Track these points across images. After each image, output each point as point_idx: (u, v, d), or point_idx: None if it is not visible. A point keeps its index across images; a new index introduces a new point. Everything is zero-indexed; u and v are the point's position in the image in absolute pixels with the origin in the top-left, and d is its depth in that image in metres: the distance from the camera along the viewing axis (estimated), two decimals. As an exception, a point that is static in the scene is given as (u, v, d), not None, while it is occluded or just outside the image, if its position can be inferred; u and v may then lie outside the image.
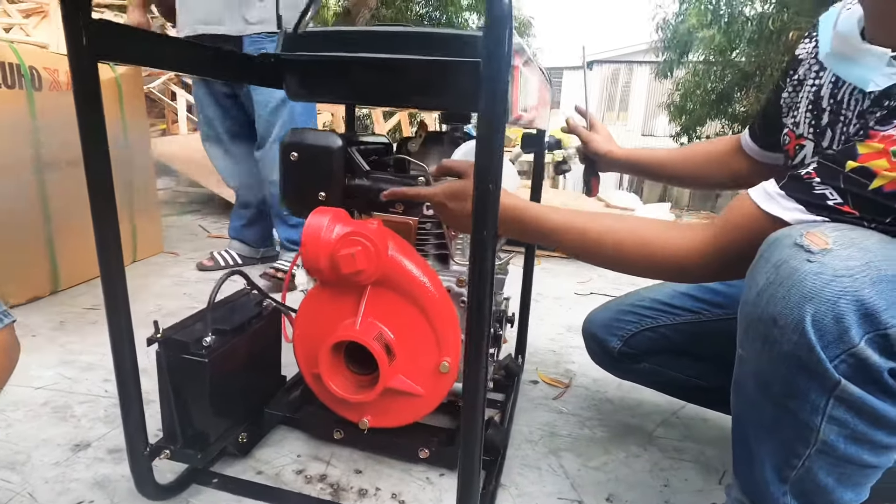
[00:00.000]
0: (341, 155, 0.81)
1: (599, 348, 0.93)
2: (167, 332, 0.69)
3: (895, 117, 0.50)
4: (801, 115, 0.70)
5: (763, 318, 0.47)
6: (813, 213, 0.51)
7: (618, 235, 0.64)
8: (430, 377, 0.75)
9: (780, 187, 0.54)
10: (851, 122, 0.61)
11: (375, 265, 0.69)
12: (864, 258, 0.44)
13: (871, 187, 0.48)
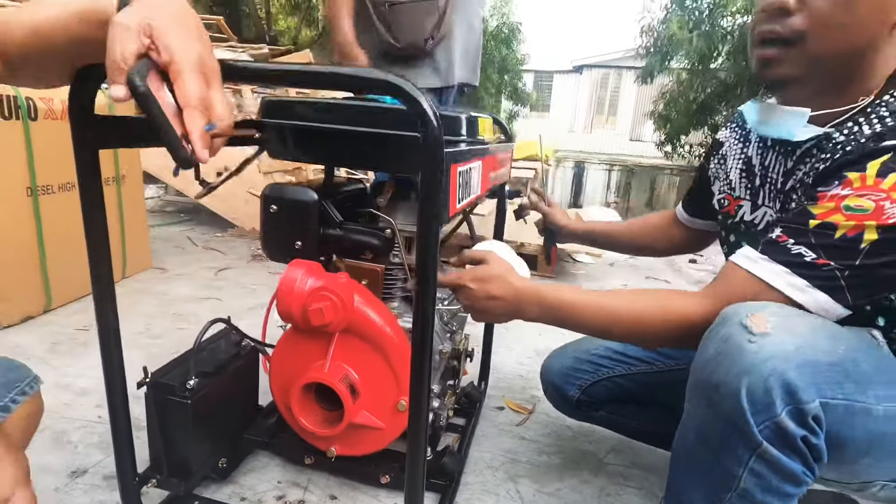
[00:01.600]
0: (315, 208, 0.90)
1: (558, 395, 1.02)
2: (155, 376, 0.77)
3: (833, 179, 0.60)
4: (735, 181, 0.82)
5: (709, 382, 0.56)
6: (795, 271, 0.59)
7: (636, 304, 0.69)
8: (390, 413, 0.85)
9: (760, 253, 0.62)
10: (778, 181, 0.73)
11: (342, 317, 0.78)
12: (794, 344, 0.53)
13: (837, 236, 0.58)
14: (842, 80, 0.65)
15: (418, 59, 1.64)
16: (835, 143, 0.64)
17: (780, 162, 0.73)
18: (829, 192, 0.59)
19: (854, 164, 0.59)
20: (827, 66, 0.64)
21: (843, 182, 0.59)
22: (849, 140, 0.63)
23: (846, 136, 0.63)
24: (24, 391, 0.61)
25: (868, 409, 0.55)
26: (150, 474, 0.77)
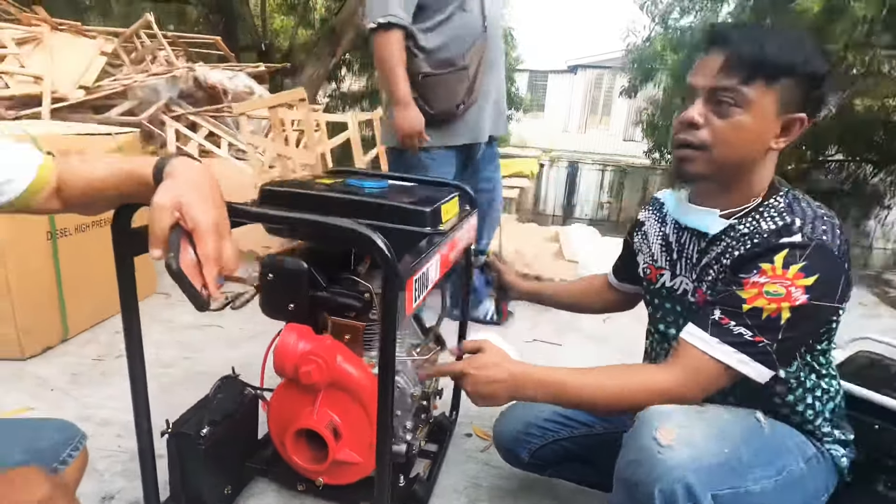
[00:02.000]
0: (305, 276, 1.07)
1: (511, 457, 1.16)
2: (175, 426, 0.95)
3: (751, 267, 0.77)
4: (657, 254, 0.99)
5: (630, 480, 0.73)
6: (740, 349, 0.75)
7: (619, 382, 0.82)
8: (367, 449, 1.02)
9: (711, 335, 0.77)
10: (693, 257, 0.91)
11: (326, 375, 0.96)
12: (691, 455, 0.70)
13: (763, 317, 0.75)
14: (737, 182, 0.84)
15: (451, 122, 1.80)
16: (740, 232, 0.82)
17: (694, 242, 0.92)
18: (751, 280, 0.76)
19: (764, 256, 0.76)
20: (725, 169, 0.82)
21: (759, 271, 0.76)
22: (752, 232, 0.80)
23: (748, 227, 0.81)
24: (77, 447, 0.78)
25: (749, 491, 0.74)
26: (170, 503, 0.95)
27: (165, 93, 3.90)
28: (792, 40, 0.78)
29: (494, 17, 1.85)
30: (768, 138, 0.79)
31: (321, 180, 1.15)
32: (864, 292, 3.42)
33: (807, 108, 0.78)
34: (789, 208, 0.80)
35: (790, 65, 0.76)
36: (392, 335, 0.73)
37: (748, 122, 0.77)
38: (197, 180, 0.65)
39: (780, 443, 0.83)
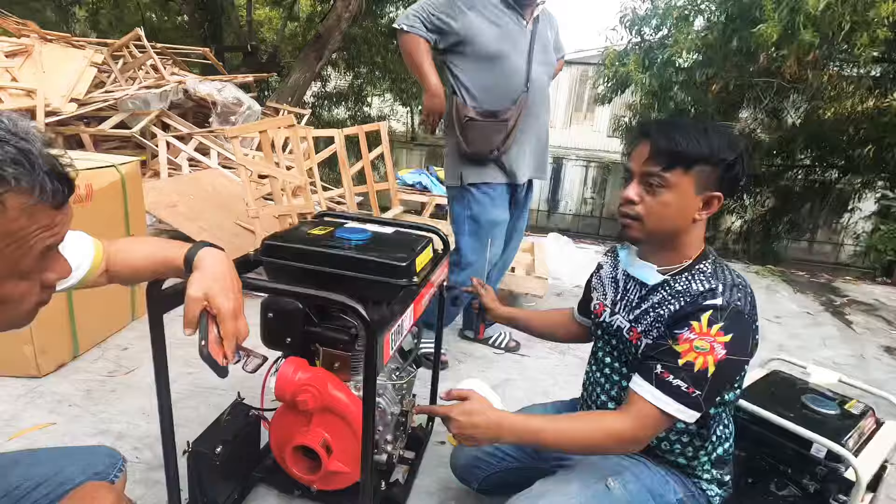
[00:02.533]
0: (300, 314, 1.27)
1: (465, 483, 1.34)
2: (194, 446, 1.14)
3: (684, 324, 0.92)
4: (607, 293, 1.18)
5: None
6: (677, 400, 0.90)
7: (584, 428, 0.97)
8: (354, 461, 1.22)
9: (657, 388, 0.92)
10: (634, 300, 1.08)
11: (319, 402, 1.16)
12: None
13: (695, 370, 0.90)
14: (669, 245, 1.03)
15: (487, 163, 1.98)
16: (675, 289, 0.99)
17: (636, 290, 1.09)
18: (684, 336, 0.92)
19: (693, 315, 0.92)
20: (656, 236, 1.02)
21: (689, 328, 0.92)
22: (685, 291, 0.96)
23: (682, 286, 0.98)
24: (121, 469, 0.96)
25: None
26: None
27: (156, 104, 4.01)
28: (705, 133, 0.96)
29: (540, 74, 1.98)
30: (691, 212, 0.97)
31: (313, 231, 1.33)
32: (810, 300, 3.71)
33: (722, 188, 0.96)
34: (714, 274, 0.98)
35: (701, 156, 0.94)
36: (373, 378, 0.94)
37: (672, 199, 0.96)
38: (220, 272, 0.85)
39: (628, 499, 0.99)
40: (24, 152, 0.53)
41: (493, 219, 2.05)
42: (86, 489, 0.76)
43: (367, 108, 10.79)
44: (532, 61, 1.95)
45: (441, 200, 4.23)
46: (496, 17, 1.91)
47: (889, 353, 2.85)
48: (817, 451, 1.22)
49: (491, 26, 1.90)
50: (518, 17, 1.93)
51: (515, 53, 1.93)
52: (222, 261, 0.87)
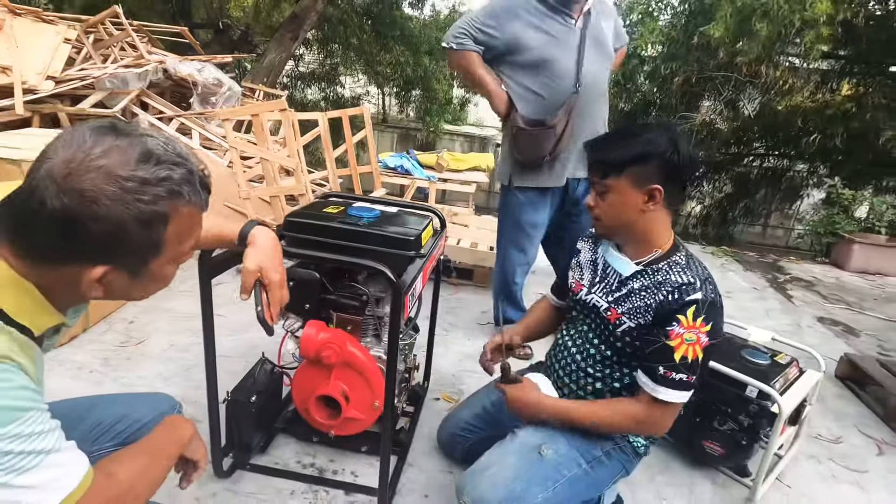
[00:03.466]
0: (317, 284, 1.44)
1: (450, 454, 1.54)
2: (233, 394, 1.31)
3: (672, 320, 1.05)
4: (585, 273, 1.31)
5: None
6: (679, 389, 1.06)
7: (608, 416, 1.13)
8: (368, 410, 1.42)
9: (661, 386, 1.06)
10: (611, 285, 1.23)
11: (339, 357, 1.34)
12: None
13: (689, 361, 1.05)
14: (636, 238, 1.19)
15: (537, 167, 2.02)
16: (655, 278, 1.11)
17: (615, 275, 1.21)
18: (675, 331, 1.05)
19: (680, 311, 1.06)
20: (616, 231, 1.21)
21: (678, 323, 1.05)
22: (665, 281, 1.09)
23: (662, 276, 1.10)
24: (179, 410, 1.11)
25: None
26: (227, 450, 1.32)
27: (135, 84, 3.99)
28: (627, 140, 1.13)
29: (593, 71, 1.94)
30: (637, 206, 1.12)
31: (328, 209, 1.49)
32: (757, 277, 4.09)
33: (659, 181, 1.09)
34: (689, 266, 1.11)
35: (625, 160, 1.10)
36: (397, 331, 1.12)
37: (616, 200, 1.14)
38: (271, 248, 1.02)
39: (559, 460, 1.15)
40: (191, 172, 0.67)
41: (533, 222, 2.12)
42: (173, 420, 0.92)
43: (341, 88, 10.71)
44: (583, 60, 1.91)
45: (422, 183, 4.40)
46: (540, 22, 1.89)
47: (821, 322, 3.23)
48: (751, 392, 1.49)
49: (536, 32, 1.89)
50: (564, 18, 1.90)
51: (564, 56, 1.90)
52: (272, 238, 1.03)
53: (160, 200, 0.64)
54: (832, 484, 1.67)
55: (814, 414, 1.99)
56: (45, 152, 0.62)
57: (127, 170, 0.62)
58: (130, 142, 0.63)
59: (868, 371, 2.23)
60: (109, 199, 0.60)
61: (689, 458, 1.67)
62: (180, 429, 0.91)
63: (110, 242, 0.63)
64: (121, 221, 0.62)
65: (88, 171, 0.60)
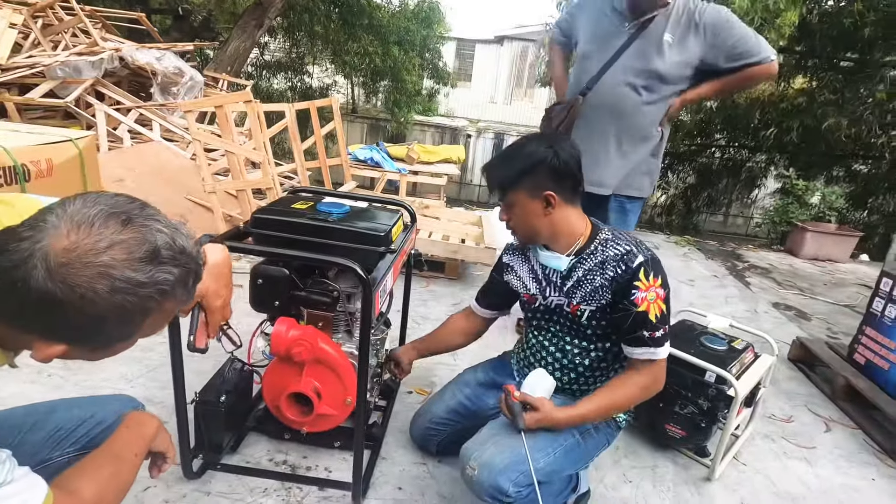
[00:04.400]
0: (287, 281, 1.42)
1: (425, 449, 1.55)
2: (202, 395, 1.29)
3: (631, 289, 1.14)
4: (529, 283, 1.36)
5: (470, 489, 1.16)
6: (665, 342, 1.16)
7: (621, 397, 1.20)
8: (340, 406, 1.42)
9: (652, 347, 1.15)
10: (556, 284, 1.30)
11: (311, 354, 1.34)
12: (489, 471, 1.10)
13: (661, 316, 1.15)
14: (553, 237, 1.27)
15: None
16: (594, 262, 1.22)
17: (556, 272, 1.30)
18: (638, 297, 1.15)
19: (633, 278, 1.15)
20: (530, 237, 1.29)
21: (638, 289, 1.16)
22: (607, 259, 1.19)
23: (600, 258, 1.21)
24: (142, 409, 1.09)
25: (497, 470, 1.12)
26: (196, 451, 1.30)
27: (89, 73, 3.81)
28: (509, 159, 1.23)
29: (616, 81, 1.81)
30: (539, 213, 1.22)
31: (297, 205, 1.48)
32: (718, 265, 4.26)
33: (550, 186, 1.19)
34: (617, 238, 1.24)
35: (511, 178, 1.21)
36: (368, 327, 1.13)
37: (519, 211, 1.24)
38: (218, 271, 0.98)
39: (556, 431, 1.21)
40: (189, 273, 0.65)
41: None
42: (133, 415, 0.90)
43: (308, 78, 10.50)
44: (612, 66, 1.81)
45: (392, 176, 4.38)
46: (597, 17, 1.87)
47: (776, 307, 3.39)
48: (709, 377, 1.56)
49: (588, 24, 1.90)
50: (620, 19, 1.81)
51: (598, 56, 1.84)
52: (222, 258, 0.99)
53: (150, 300, 0.62)
54: (784, 460, 1.77)
55: (768, 395, 2.10)
56: (45, 222, 0.58)
57: (126, 271, 0.59)
58: (139, 238, 0.61)
59: (817, 353, 2.37)
60: (98, 296, 0.58)
61: (652, 441, 1.75)
62: (144, 425, 0.89)
63: (83, 331, 0.61)
64: (102, 317, 0.60)
65: (86, 266, 0.57)
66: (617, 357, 1.30)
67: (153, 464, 0.93)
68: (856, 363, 2.22)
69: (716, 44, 1.74)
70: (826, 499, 1.61)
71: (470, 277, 3.19)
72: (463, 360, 1.98)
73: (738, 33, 1.73)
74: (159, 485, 1.32)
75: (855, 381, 2.10)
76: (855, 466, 1.79)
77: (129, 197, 0.66)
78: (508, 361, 1.54)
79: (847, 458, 1.83)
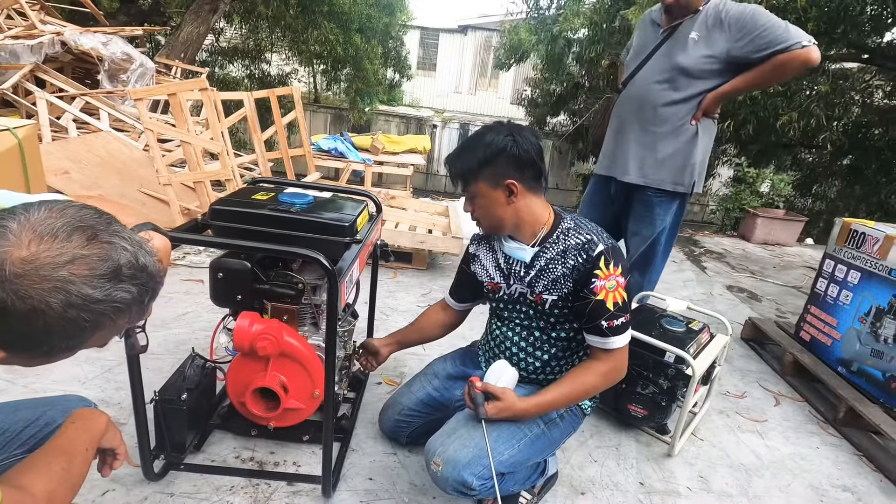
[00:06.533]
0: (248, 273, 1.39)
1: (395, 439, 1.55)
2: (162, 394, 1.24)
3: (592, 278, 1.16)
4: (492, 273, 1.37)
5: (436, 485, 1.17)
6: (624, 331, 1.18)
7: (582, 385, 1.21)
8: (308, 399, 1.40)
9: (610, 336, 1.17)
10: (521, 272, 1.31)
11: (276, 348, 1.31)
12: (453, 467, 1.12)
13: (620, 305, 1.17)
14: (517, 226, 1.27)
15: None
16: (555, 249, 1.24)
17: (519, 263, 1.30)
18: (598, 286, 1.17)
19: (594, 267, 1.17)
20: (495, 226, 1.28)
21: (597, 277, 1.17)
22: (568, 248, 1.20)
23: (561, 246, 1.22)
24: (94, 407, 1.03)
25: (500, 461, 1.16)
26: (158, 452, 1.26)
27: (27, 58, 3.57)
28: (468, 150, 1.23)
29: (645, 79, 1.94)
30: (502, 202, 1.22)
31: (257, 196, 1.43)
32: (676, 251, 4.42)
33: (512, 175, 1.19)
34: (579, 227, 1.25)
35: (470, 168, 1.22)
36: (335, 318, 1.11)
37: (483, 202, 1.24)
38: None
39: (521, 423, 1.23)
40: (147, 291, 0.64)
41: (586, 208, 2.23)
42: (82, 412, 0.86)
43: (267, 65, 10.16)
44: (643, 66, 1.96)
45: (357, 166, 4.31)
46: (642, 33, 2.05)
47: (729, 290, 3.56)
48: (669, 357, 1.63)
49: (635, 41, 2.08)
50: (657, 28, 1.96)
51: (636, 60, 2.00)
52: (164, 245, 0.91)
53: (102, 317, 0.60)
54: (738, 434, 1.87)
55: (723, 373, 2.21)
56: (4, 225, 0.56)
57: (84, 287, 0.57)
58: (102, 254, 0.59)
59: (767, 332, 2.50)
60: (51, 309, 0.56)
61: (616, 421, 1.81)
62: (92, 420, 0.86)
63: (27, 341, 0.59)
64: (49, 330, 0.58)
65: (43, 279, 0.55)
66: (581, 345, 1.33)
67: (103, 462, 0.89)
68: (802, 340, 2.35)
69: (741, 36, 1.77)
70: (776, 468, 1.71)
71: (438, 268, 3.19)
72: (432, 349, 1.98)
73: (764, 22, 1.75)
74: (118, 488, 1.27)
75: (801, 357, 2.23)
76: (802, 436, 1.91)
77: (97, 210, 0.64)
78: (476, 351, 1.55)
79: (795, 430, 1.94)
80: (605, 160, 2.10)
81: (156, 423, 1.27)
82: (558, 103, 6.91)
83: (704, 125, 1.93)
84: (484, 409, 1.18)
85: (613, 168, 2.05)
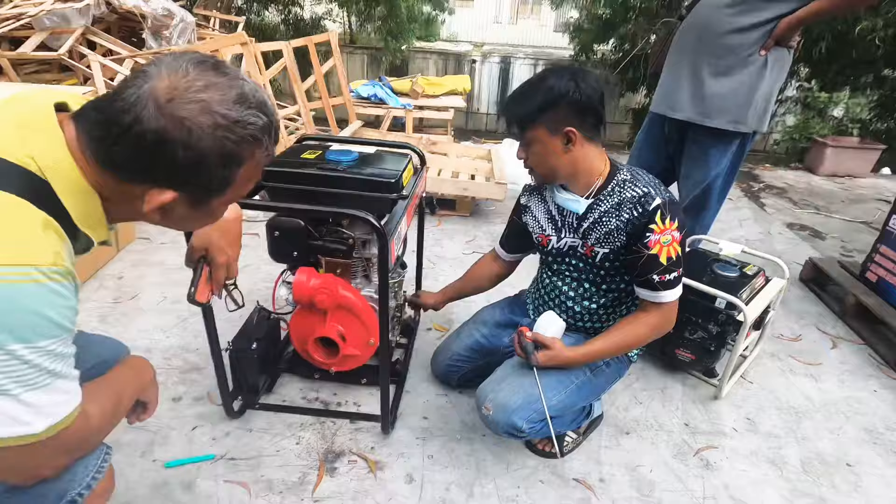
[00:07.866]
0: (303, 231, 1.46)
1: (446, 383, 1.64)
2: (235, 344, 1.37)
3: (646, 232, 1.15)
4: (545, 224, 1.38)
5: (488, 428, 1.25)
6: (675, 285, 1.18)
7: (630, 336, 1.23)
8: (364, 347, 1.50)
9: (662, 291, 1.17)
10: (572, 225, 1.31)
11: (333, 301, 1.39)
12: (504, 411, 1.19)
13: (674, 259, 1.16)
14: (572, 176, 1.25)
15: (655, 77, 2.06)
16: (609, 202, 1.22)
17: (572, 213, 1.30)
18: (652, 240, 1.16)
19: (650, 221, 1.15)
20: (549, 175, 1.26)
21: (652, 232, 1.16)
22: (624, 201, 1.18)
23: (616, 197, 1.20)
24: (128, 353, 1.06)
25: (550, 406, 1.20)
26: (235, 394, 1.41)
27: (77, 21, 3.67)
28: (529, 94, 1.17)
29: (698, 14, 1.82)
30: (559, 150, 1.19)
31: (305, 155, 1.47)
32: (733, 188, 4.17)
33: (572, 122, 1.15)
34: (636, 180, 1.22)
35: (534, 112, 1.16)
36: (387, 274, 1.17)
37: (538, 148, 1.21)
38: (226, 226, 1.00)
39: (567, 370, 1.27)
40: (271, 124, 0.69)
41: (638, 150, 2.10)
42: (136, 360, 0.91)
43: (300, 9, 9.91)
44: None
45: (398, 112, 4.27)
46: None
47: (790, 228, 3.37)
48: (720, 303, 1.60)
49: None
50: None
51: None
52: (233, 215, 1.00)
53: (244, 143, 0.66)
54: (789, 377, 1.85)
55: (777, 316, 2.15)
56: (145, 72, 0.63)
57: (223, 108, 0.63)
58: (229, 82, 0.65)
59: (828, 273, 2.38)
60: (203, 130, 0.62)
61: (662, 365, 1.83)
62: (142, 372, 0.90)
63: (190, 171, 0.65)
64: (206, 154, 0.64)
65: (190, 101, 0.62)
66: (630, 296, 1.33)
67: (132, 411, 0.91)
68: (867, 281, 2.24)
69: None
70: (829, 410, 1.70)
71: (482, 213, 3.19)
72: (480, 297, 2.04)
73: None
74: (205, 424, 1.44)
75: (865, 299, 2.13)
76: (859, 379, 1.87)
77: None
78: (524, 300, 1.59)
79: (851, 373, 1.90)
80: (660, 96, 1.97)
81: (231, 369, 1.41)
82: (606, 28, 6.42)
83: (776, 55, 1.74)
84: (535, 357, 1.23)
85: (667, 104, 1.92)
